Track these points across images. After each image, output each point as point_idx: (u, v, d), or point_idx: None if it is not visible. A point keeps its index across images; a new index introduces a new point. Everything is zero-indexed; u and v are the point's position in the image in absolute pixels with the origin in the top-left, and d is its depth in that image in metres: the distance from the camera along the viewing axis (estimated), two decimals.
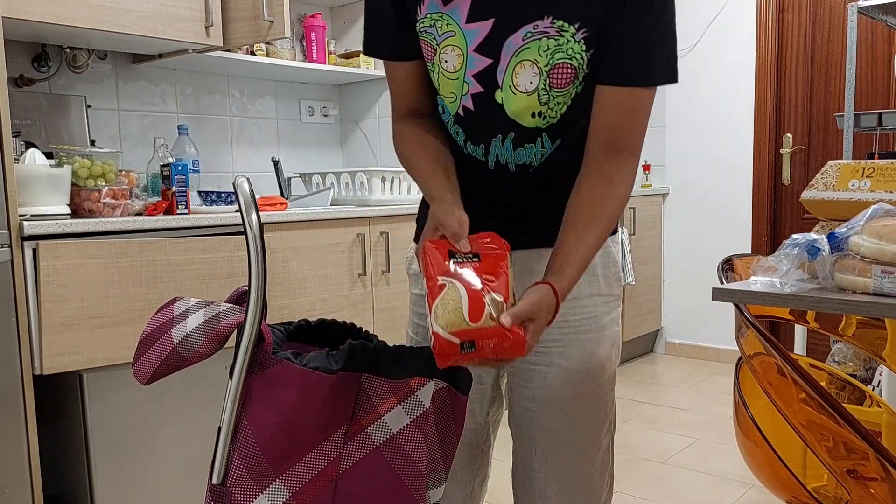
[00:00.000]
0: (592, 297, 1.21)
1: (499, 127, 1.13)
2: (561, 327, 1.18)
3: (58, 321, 1.89)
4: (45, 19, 2.10)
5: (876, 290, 1.11)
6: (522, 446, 1.25)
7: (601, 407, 1.23)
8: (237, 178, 1.04)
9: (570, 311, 1.18)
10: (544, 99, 1.08)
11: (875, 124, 2.90)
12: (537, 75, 1.06)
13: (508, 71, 1.08)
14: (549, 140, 1.14)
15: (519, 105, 1.10)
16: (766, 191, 3.95)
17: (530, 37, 1.05)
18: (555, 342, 1.19)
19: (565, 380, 1.19)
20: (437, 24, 1.11)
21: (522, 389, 1.23)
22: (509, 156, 1.15)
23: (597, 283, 1.21)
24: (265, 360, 1.05)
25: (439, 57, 1.12)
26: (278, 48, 3.03)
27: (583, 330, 1.19)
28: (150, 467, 2.10)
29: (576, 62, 1.05)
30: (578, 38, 1.04)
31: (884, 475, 1.30)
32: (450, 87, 1.13)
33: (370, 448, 1.05)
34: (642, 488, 2.56)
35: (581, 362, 1.19)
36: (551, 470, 1.21)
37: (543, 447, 1.21)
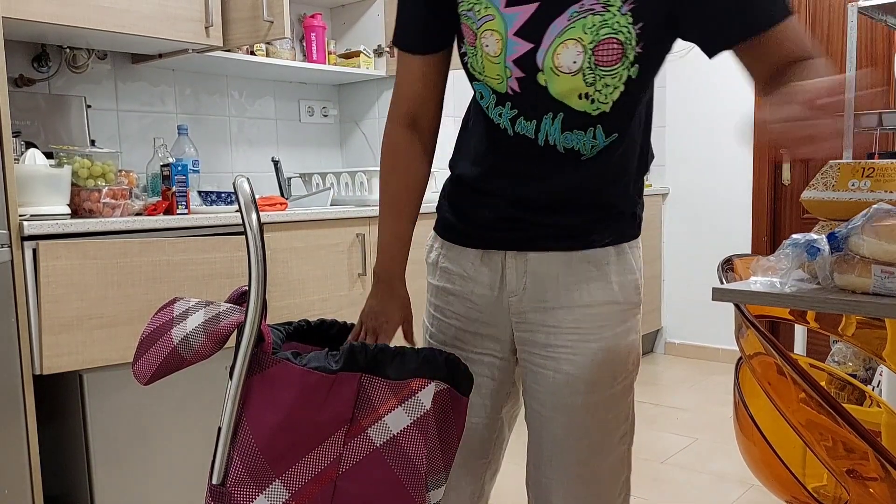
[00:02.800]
0: (607, 304, 1.17)
1: (548, 107, 1.08)
2: (571, 334, 1.16)
3: (58, 321, 1.89)
4: (45, 19, 2.10)
5: (876, 290, 1.11)
6: (534, 448, 1.24)
7: (612, 418, 1.19)
8: (237, 178, 1.04)
9: (582, 318, 1.16)
10: (590, 79, 1.04)
11: (875, 124, 2.90)
12: (581, 53, 1.02)
13: (549, 53, 1.04)
14: (602, 133, 1.10)
15: (564, 86, 1.05)
16: (766, 191, 3.95)
17: (576, 16, 1.01)
18: (564, 348, 1.16)
19: (573, 387, 1.16)
20: (476, 8, 1.08)
21: (533, 391, 1.22)
22: (558, 137, 1.10)
23: (611, 291, 1.17)
24: (265, 361, 1.05)
25: (480, 41, 1.09)
26: (278, 48, 3.03)
27: (593, 339, 1.16)
28: (150, 467, 2.10)
29: (622, 36, 1.01)
30: (625, 10, 1.00)
31: (883, 475, 1.30)
32: (495, 70, 1.10)
33: (370, 449, 1.05)
34: (642, 488, 2.56)
35: (590, 371, 1.16)
36: (557, 476, 1.20)
37: (550, 453, 1.20)
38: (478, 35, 1.09)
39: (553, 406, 1.18)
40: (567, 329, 1.16)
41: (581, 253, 1.16)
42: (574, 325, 1.16)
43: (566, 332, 1.16)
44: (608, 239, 1.17)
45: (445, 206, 1.27)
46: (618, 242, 1.18)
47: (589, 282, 1.16)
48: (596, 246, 1.16)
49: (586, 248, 1.16)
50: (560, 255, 1.16)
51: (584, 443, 1.18)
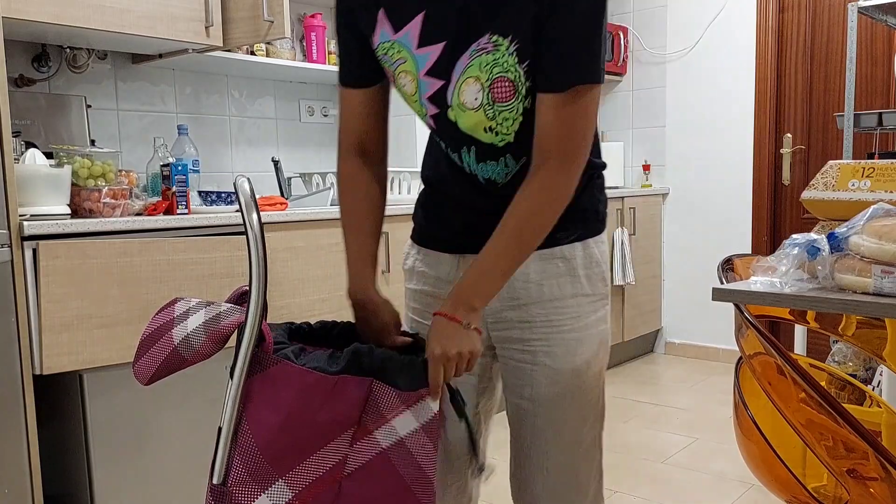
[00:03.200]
0: (576, 297, 1.23)
1: (462, 140, 1.18)
2: (545, 327, 1.23)
3: (58, 321, 1.89)
4: (45, 19, 2.10)
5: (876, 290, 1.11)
6: (515, 441, 1.30)
7: (585, 403, 1.26)
8: (238, 177, 1.04)
9: (553, 311, 1.22)
10: (490, 114, 1.12)
11: (875, 124, 2.90)
12: (480, 91, 1.11)
13: (456, 90, 1.12)
14: (513, 160, 1.18)
15: (469, 121, 1.14)
16: (766, 191, 3.95)
17: (475, 54, 1.10)
18: (539, 341, 1.23)
19: (551, 378, 1.23)
20: (390, 52, 1.16)
21: (512, 386, 1.27)
22: (475, 167, 1.20)
23: (579, 284, 1.24)
24: (266, 360, 1.05)
25: (398, 82, 1.18)
26: (278, 48, 3.03)
27: (566, 329, 1.23)
28: (150, 467, 2.10)
29: (512, 75, 1.09)
30: (511, 50, 1.08)
31: (883, 475, 1.30)
32: (413, 107, 1.20)
33: (376, 451, 1.05)
34: (642, 488, 2.56)
35: (566, 361, 1.23)
36: (537, 466, 1.26)
37: (530, 443, 1.26)
38: (395, 76, 1.18)
39: (532, 398, 1.24)
40: (540, 323, 1.23)
41: (549, 250, 1.21)
42: (546, 319, 1.23)
43: (540, 326, 1.23)
44: (574, 236, 1.23)
45: (420, 213, 1.34)
46: (583, 238, 1.24)
47: (558, 277, 1.22)
48: (563, 243, 1.22)
49: (553, 246, 1.21)
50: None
51: (564, 430, 1.25)
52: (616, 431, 3.12)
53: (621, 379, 3.90)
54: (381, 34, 1.16)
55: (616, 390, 3.71)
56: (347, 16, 1.20)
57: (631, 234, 3.97)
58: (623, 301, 4.00)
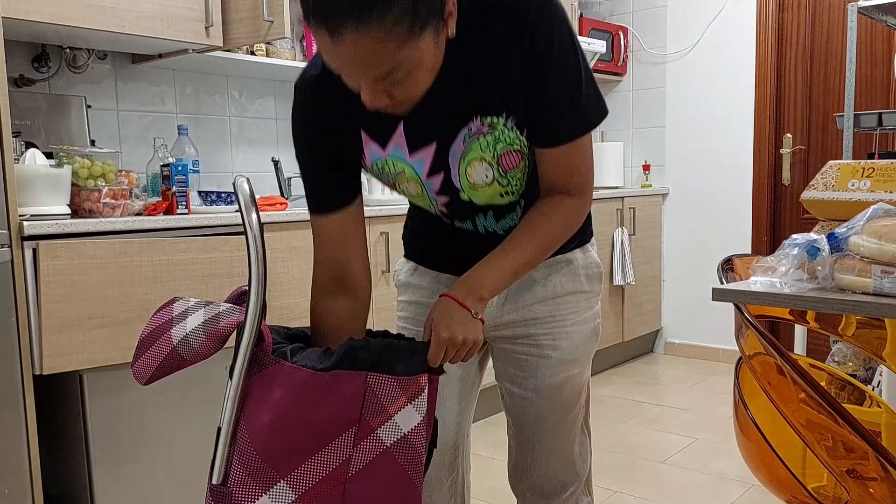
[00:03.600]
0: (575, 294, 1.31)
1: (477, 210, 1.22)
2: (549, 322, 1.30)
3: (58, 321, 1.89)
4: (45, 19, 2.10)
5: (876, 290, 1.11)
6: (518, 431, 1.36)
7: (581, 387, 1.35)
8: (237, 177, 1.03)
9: (555, 307, 1.30)
10: (503, 182, 1.17)
11: (875, 124, 2.90)
12: (489, 168, 1.14)
13: (462, 175, 1.15)
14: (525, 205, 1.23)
15: (485, 195, 1.18)
16: (766, 191, 3.95)
17: (469, 140, 1.12)
18: (545, 335, 1.30)
19: (555, 368, 1.30)
20: (386, 168, 1.19)
21: (513, 377, 1.33)
22: (494, 225, 1.25)
23: (579, 282, 1.32)
24: (264, 361, 1.05)
25: (400, 187, 1.22)
26: (278, 48, 3.03)
27: (569, 323, 1.31)
28: (150, 467, 2.10)
29: (517, 146, 1.13)
30: (510, 125, 1.11)
31: (883, 475, 1.30)
32: (420, 201, 1.24)
33: (381, 449, 1.04)
34: (642, 488, 2.56)
35: (569, 352, 1.30)
36: (538, 452, 1.34)
37: (533, 431, 1.33)
38: (396, 184, 1.22)
39: (535, 388, 1.31)
40: (545, 318, 1.30)
41: (553, 258, 1.29)
42: (549, 314, 1.30)
43: (544, 322, 1.30)
44: (574, 244, 1.31)
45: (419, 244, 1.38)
46: (582, 244, 1.33)
47: (561, 275, 1.30)
48: (565, 251, 1.30)
49: (557, 254, 1.28)
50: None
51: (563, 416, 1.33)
52: (616, 431, 3.12)
53: (621, 379, 3.90)
54: (372, 153, 1.17)
55: (616, 390, 3.71)
56: (317, 139, 1.18)
57: (631, 234, 3.97)
58: (623, 301, 4.00)
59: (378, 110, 1.03)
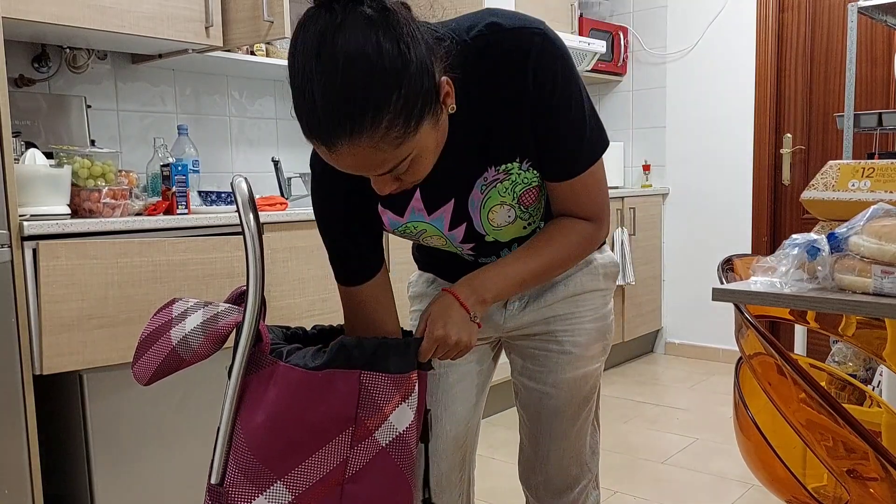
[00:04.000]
0: (594, 291, 1.34)
1: (502, 246, 1.24)
2: (569, 318, 1.32)
3: (58, 321, 1.89)
4: (45, 19, 2.10)
5: (876, 290, 1.11)
6: (533, 426, 1.38)
7: (596, 382, 1.39)
8: (235, 178, 1.03)
9: (575, 304, 1.32)
10: (524, 216, 1.19)
11: (875, 124, 2.90)
12: (511, 209, 1.17)
13: (484, 222, 1.18)
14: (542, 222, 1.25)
15: (509, 233, 1.21)
16: (766, 191, 3.95)
17: (486, 188, 1.14)
18: (564, 331, 1.32)
19: (574, 364, 1.32)
20: (407, 230, 1.20)
21: (530, 372, 1.35)
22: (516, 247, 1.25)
23: (598, 280, 1.35)
24: (262, 360, 1.05)
25: (423, 240, 1.24)
26: (278, 48, 3.03)
27: (587, 320, 1.33)
28: (150, 467, 2.10)
29: (536, 183, 1.15)
30: (525, 167, 1.13)
31: (883, 475, 1.30)
32: (447, 248, 1.25)
33: (377, 450, 1.04)
34: (642, 488, 2.56)
35: (587, 348, 1.33)
36: (553, 446, 1.36)
37: (548, 424, 1.35)
38: (420, 240, 1.24)
39: (553, 382, 1.33)
40: (565, 315, 1.32)
41: None
42: (569, 311, 1.32)
43: (564, 318, 1.32)
44: None
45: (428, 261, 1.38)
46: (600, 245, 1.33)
47: (582, 274, 1.32)
48: None
49: None
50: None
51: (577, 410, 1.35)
52: (616, 431, 3.12)
53: (621, 379, 3.90)
54: (390, 221, 1.18)
55: (616, 390, 3.71)
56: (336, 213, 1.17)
57: (631, 234, 3.97)
58: (623, 301, 4.00)
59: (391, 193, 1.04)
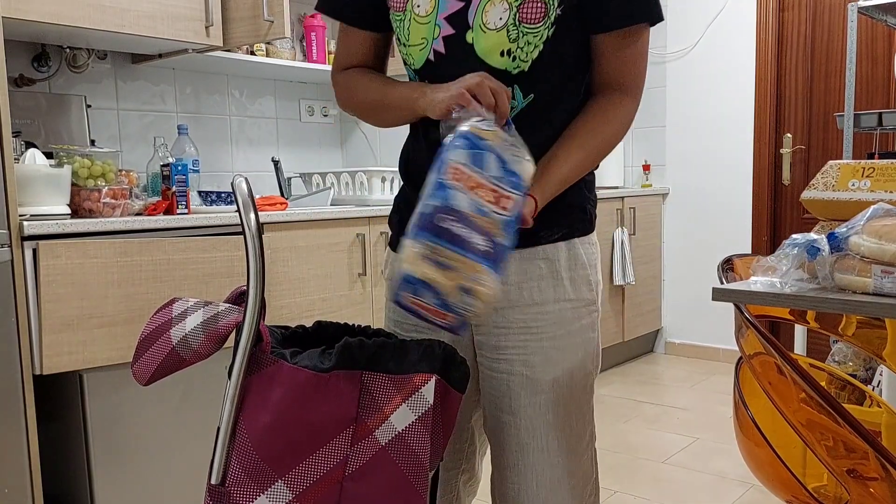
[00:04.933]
0: (557, 302, 1.15)
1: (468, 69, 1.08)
2: (522, 334, 1.14)
3: (58, 321, 1.89)
4: (45, 19, 2.10)
5: (876, 290, 1.11)
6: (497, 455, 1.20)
7: (577, 419, 1.17)
8: (235, 177, 1.03)
9: (532, 317, 1.14)
10: (513, 35, 1.07)
11: (875, 124, 2.90)
12: (507, 10, 1.06)
13: (479, 10, 1.07)
14: (521, 93, 1.11)
15: (488, 42, 1.08)
16: (766, 191, 3.95)
17: None
18: (515, 349, 1.15)
19: (529, 388, 1.14)
20: None
21: (490, 396, 1.19)
22: None
23: (562, 288, 1.15)
24: (263, 360, 1.05)
25: (411, 3, 1.12)
26: (278, 48, 3.03)
27: (546, 337, 1.14)
28: (150, 467, 2.10)
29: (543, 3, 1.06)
30: None
31: (883, 475, 1.30)
32: (420, 32, 1.12)
33: (376, 449, 1.05)
34: (642, 488, 2.56)
35: (544, 371, 1.14)
36: (525, 482, 1.17)
37: (515, 459, 1.17)
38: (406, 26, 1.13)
39: (511, 410, 1.15)
40: (517, 329, 1.14)
41: (530, 250, 1.14)
42: (524, 325, 1.14)
43: (517, 332, 1.15)
44: (557, 235, 1.15)
45: (396, 220, 1.26)
46: (568, 238, 1.16)
47: (539, 279, 1.14)
48: (544, 242, 1.14)
49: (535, 245, 1.14)
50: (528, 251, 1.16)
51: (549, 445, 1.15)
52: (616, 431, 3.12)
53: (621, 379, 3.90)
54: None
55: (616, 390, 3.71)
56: None
57: (631, 234, 3.97)
58: (623, 301, 4.00)
59: None
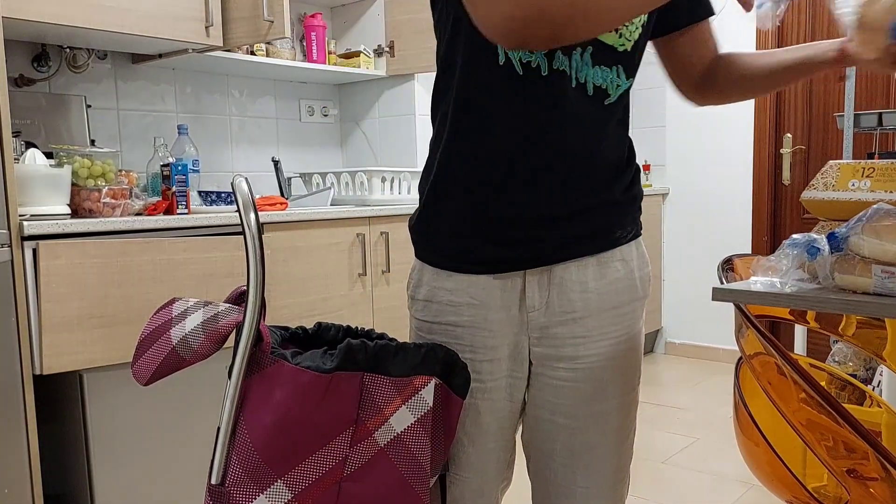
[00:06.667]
0: (632, 302, 1.15)
1: None
2: (601, 340, 1.12)
3: (58, 321, 1.89)
4: (45, 19, 2.10)
5: (876, 290, 1.11)
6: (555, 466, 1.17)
7: (634, 411, 1.19)
8: (235, 177, 1.03)
9: (610, 321, 1.12)
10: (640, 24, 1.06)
11: (875, 124, 2.90)
12: None
13: None
14: (623, 74, 1.08)
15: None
16: (766, 191, 3.95)
17: None
18: (596, 356, 1.12)
19: (605, 393, 1.13)
20: None
21: (552, 406, 1.15)
22: (588, 71, 1.04)
23: (635, 288, 1.15)
24: (263, 360, 1.05)
25: None
26: (278, 48, 3.03)
27: (623, 339, 1.14)
28: (150, 467, 2.10)
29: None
30: None
31: (884, 475, 1.30)
32: None
33: (375, 450, 1.05)
34: (642, 488, 2.56)
35: (622, 374, 1.14)
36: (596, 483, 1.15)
37: (587, 461, 1.14)
38: None
39: (584, 416, 1.13)
40: (597, 336, 1.12)
41: (609, 253, 1.12)
42: (604, 331, 1.12)
43: (596, 340, 1.12)
44: (632, 234, 1.14)
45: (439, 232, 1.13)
46: (637, 236, 1.16)
47: (618, 282, 1.13)
48: (622, 243, 1.13)
49: (614, 248, 1.12)
50: (588, 258, 1.11)
51: (619, 444, 1.16)
52: None
53: None
54: None
55: None
56: None
57: None
58: None
59: None
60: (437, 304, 1.14)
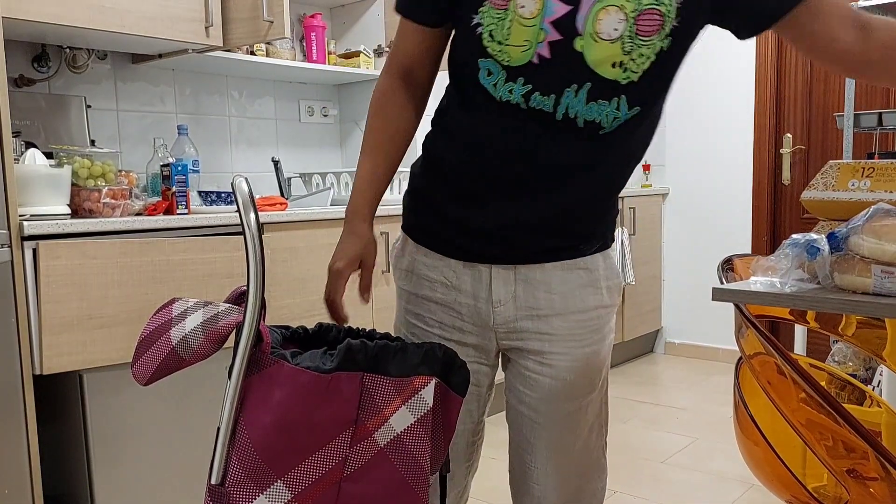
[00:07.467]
0: (597, 309, 1.21)
1: (575, 76, 1.04)
2: (568, 341, 1.19)
3: (58, 321, 1.89)
4: (45, 19, 2.10)
5: (876, 290, 1.11)
6: (522, 449, 1.26)
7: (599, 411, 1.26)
8: (235, 177, 1.03)
9: (576, 324, 1.19)
10: (628, 48, 1.02)
11: (875, 124, 2.90)
12: (623, 22, 1.00)
13: (590, 17, 1.01)
14: (626, 104, 1.07)
15: (600, 54, 1.02)
16: (766, 191, 3.95)
17: None
18: (561, 355, 1.19)
19: (569, 393, 1.20)
20: None
21: (523, 396, 1.23)
22: (581, 108, 1.06)
23: (600, 295, 1.21)
24: (263, 361, 1.05)
25: (514, 3, 1.03)
26: (278, 48, 3.03)
27: (587, 343, 1.20)
28: (150, 467, 2.10)
29: (664, 8, 1.01)
30: None
31: (883, 475, 1.30)
32: (524, 34, 1.03)
33: (375, 450, 1.05)
34: (642, 488, 2.56)
35: (585, 376, 1.20)
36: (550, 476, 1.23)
37: (545, 455, 1.23)
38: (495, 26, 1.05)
39: (547, 413, 1.21)
40: (563, 336, 1.18)
41: (572, 261, 1.18)
42: (569, 333, 1.19)
43: (562, 339, 1.19)
44: (596, 247, 1.20)
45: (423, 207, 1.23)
46: (604, 249, 1.22)
47: (582, 288, 1.19)
48: (586, 254, 1.19)
49: (577, 257, 1.18)
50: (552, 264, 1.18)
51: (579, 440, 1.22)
52: (616, 431, 3.12)
53: (621, 379, 3.90)
54: None
55: (616, 390, 3.71)
56: None
57: (631, 234, 3.97)
58: (623, 301, 4.00)
59: None
60: (416, 275, 1.23)
